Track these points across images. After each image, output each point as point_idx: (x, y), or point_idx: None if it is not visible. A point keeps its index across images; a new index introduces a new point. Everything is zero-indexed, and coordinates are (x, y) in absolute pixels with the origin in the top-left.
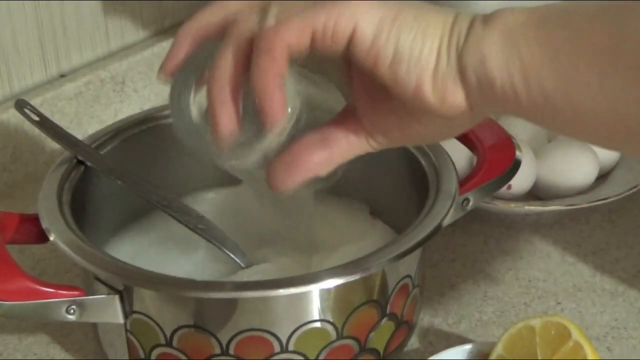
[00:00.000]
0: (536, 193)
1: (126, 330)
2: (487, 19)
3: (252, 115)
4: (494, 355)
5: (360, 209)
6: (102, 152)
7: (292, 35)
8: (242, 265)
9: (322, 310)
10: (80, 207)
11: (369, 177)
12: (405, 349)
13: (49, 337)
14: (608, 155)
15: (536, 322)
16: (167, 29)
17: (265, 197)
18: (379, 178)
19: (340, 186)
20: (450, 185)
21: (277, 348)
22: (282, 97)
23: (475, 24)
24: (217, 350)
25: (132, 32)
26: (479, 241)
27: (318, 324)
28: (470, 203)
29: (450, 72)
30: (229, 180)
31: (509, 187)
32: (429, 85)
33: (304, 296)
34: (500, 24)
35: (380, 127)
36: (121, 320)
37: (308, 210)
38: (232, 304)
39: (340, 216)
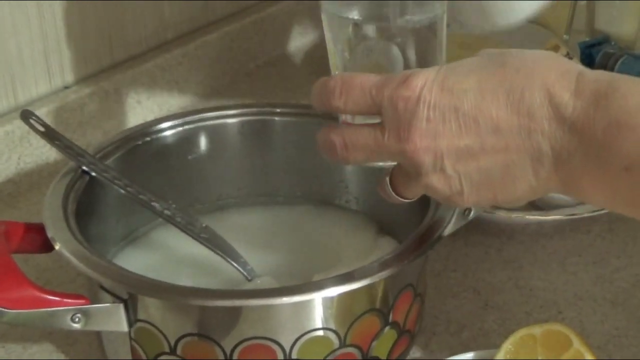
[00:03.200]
0: (537, 203)
1: (130, 339)
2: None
3: None
4: None
5: (368, 226)
6: (106, 163)
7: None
8: (245, 274)
9: (325, 318)
10: (85, 217)
11: (376, 192)
12: (407, 357)
13: (53, 346)
14: None
15: (537, 331)
16: (169, 41)
17: None
18: None
19: (349, 202)
20: None
21: (280, 356)
22: None
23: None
24: (221, 358)
25: (135, 45)
26: (481, 251)
27: (321, 332)
28: (472, 213)
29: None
30: (232, 190)
31: None
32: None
33: (307, 304)
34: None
35: None
36: (125, 328)
37: None
38: (236, 312)
39: (347, 233)
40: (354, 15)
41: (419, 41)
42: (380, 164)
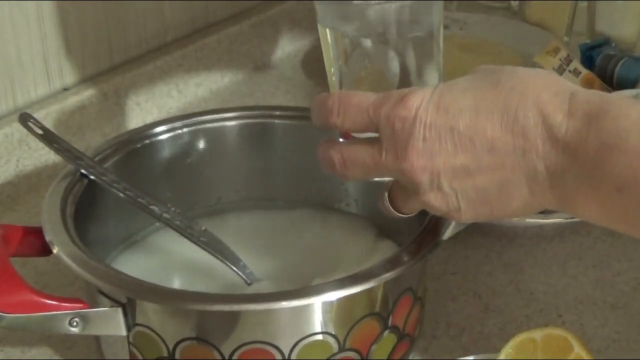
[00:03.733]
0: None
1: (129, 343)
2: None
3: None
4: None
5: (367, 230)
6: (105, 166)
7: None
8: (244, 277)
9: (324, 322)
10: (83, 221)
11: (376, 195)
12: None
13: (52, 350)
14: None
15: (538, 335)
16: (169, 44)
17: None
18: None
19: (349, 206)
20: None
21: None
22: None
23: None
24: None
25: (135, 47)
26: (481, 254)
27: (320, 337)
28: None
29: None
30: (231, 193)
31: None
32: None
33: (306, 309)
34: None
35: None
36: (124, 332)
37: None
38: (235, 316)
39: (346, 236)
40: (351, 31)
41: (416, 46)
42: (379, 179)
